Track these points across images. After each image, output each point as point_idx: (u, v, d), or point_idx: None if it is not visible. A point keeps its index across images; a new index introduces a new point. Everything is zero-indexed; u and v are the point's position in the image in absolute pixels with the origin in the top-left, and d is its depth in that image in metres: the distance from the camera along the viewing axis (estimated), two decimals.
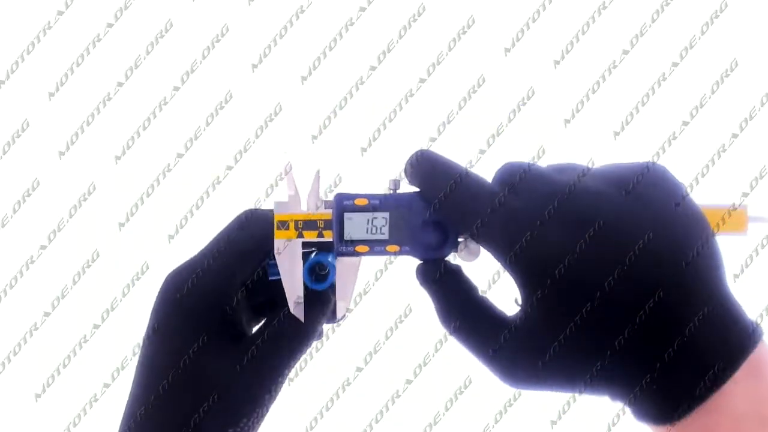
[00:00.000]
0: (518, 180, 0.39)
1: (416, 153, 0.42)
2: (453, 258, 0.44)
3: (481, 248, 0.42)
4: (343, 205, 0.43)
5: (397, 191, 0.44)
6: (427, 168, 0.42)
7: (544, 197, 0.38)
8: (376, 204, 0.43)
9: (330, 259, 0.46)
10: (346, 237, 0.43)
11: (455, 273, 0.43)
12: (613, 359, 0.36)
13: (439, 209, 0.41)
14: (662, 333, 0.36)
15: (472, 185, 0.40)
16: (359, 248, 0.44)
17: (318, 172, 0.45)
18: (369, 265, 0.54)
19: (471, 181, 0.40)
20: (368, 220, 0.43)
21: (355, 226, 0.43)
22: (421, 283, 0.43)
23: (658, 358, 0.36)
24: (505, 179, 0.40)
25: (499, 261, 0.39)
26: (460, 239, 0.43)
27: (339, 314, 0.46)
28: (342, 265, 0.45)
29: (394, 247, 0.44)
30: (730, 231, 0.42)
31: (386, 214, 0.43)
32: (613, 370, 0.37)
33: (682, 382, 0.36)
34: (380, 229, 0.43)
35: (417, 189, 0.43)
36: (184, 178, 0.90)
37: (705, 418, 0.36)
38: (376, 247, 0.44)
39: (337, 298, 0.46)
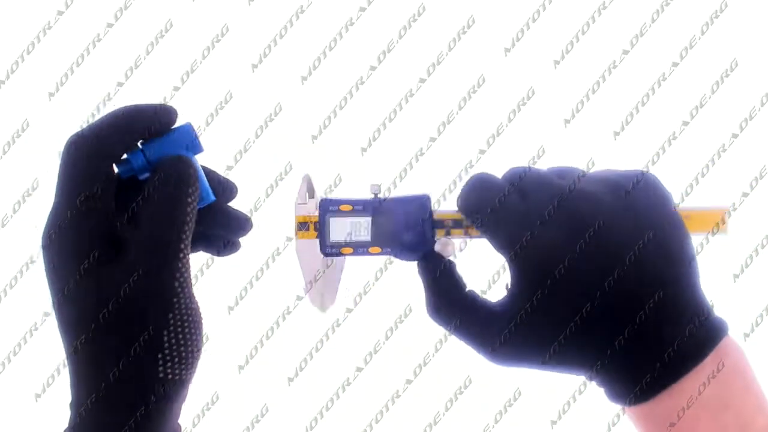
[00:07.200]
0: (520, 180, 0.43)
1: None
2: None
3: (454, 246, 0.46)
4: (329, 210, 0.47)
5: (378, 195, 0.47)
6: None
7: (545, 200, 0.42)
8: (359, 209, 0.47)
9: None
10: (332, 240, 0.47)
11: (449, 268, 0.46)
12: (575, 335, 0.40)
13: (460, 202, 0.44)
14: (621, 314, 0.39)
15: (488, 182, 0.44)
16: (344, 250, 0.47)
17: (306, 175, 0.48)
18: (369, 265, 0.54)
19: (488, 178, 0.44)
20: (352, 224, 0.47)
21: (340, 229, 0.47)
22: (420, 275, 0.46)
23: (618, 337, 0.39)
24: (513, 180, 0.44)
25: (500, 252, 0.43)
26: (436, 238, 0.46)
27: (322, 305, 0.49)
28: (329, 263, 0.49)
29: (376, 249, 0.47)
30: (713, 231, 0.46)
31: (368, 219, 0.47)
32: (577, 347, 0.40)
33: (647, 366, 0.39)
34: (363, 232, 0.47)
35: (398, 194, 0.47)
36: None
37: (670, 401, 0.39)
38: (359, 248, 0.47)
39: (323, 292, 0.49)
